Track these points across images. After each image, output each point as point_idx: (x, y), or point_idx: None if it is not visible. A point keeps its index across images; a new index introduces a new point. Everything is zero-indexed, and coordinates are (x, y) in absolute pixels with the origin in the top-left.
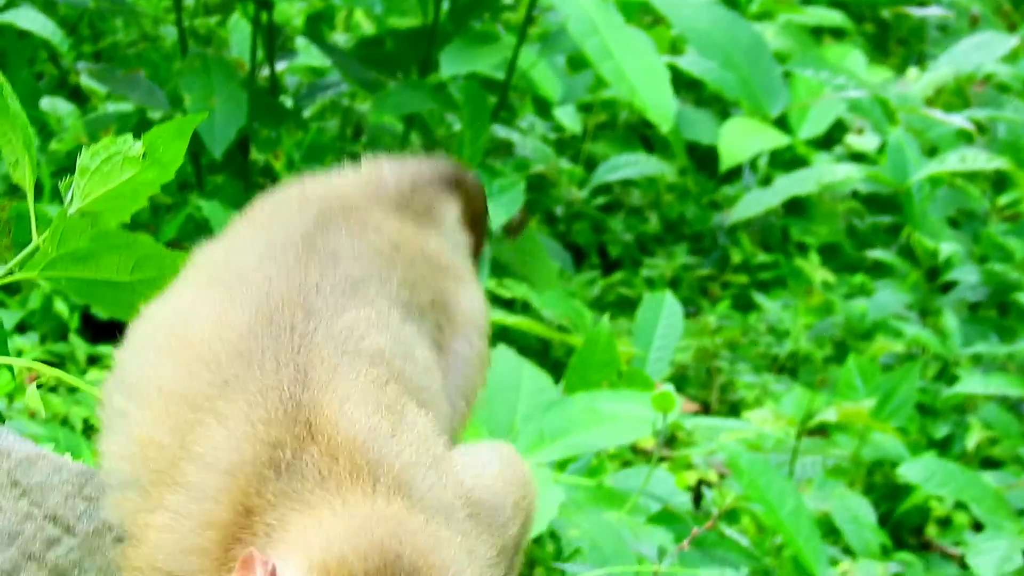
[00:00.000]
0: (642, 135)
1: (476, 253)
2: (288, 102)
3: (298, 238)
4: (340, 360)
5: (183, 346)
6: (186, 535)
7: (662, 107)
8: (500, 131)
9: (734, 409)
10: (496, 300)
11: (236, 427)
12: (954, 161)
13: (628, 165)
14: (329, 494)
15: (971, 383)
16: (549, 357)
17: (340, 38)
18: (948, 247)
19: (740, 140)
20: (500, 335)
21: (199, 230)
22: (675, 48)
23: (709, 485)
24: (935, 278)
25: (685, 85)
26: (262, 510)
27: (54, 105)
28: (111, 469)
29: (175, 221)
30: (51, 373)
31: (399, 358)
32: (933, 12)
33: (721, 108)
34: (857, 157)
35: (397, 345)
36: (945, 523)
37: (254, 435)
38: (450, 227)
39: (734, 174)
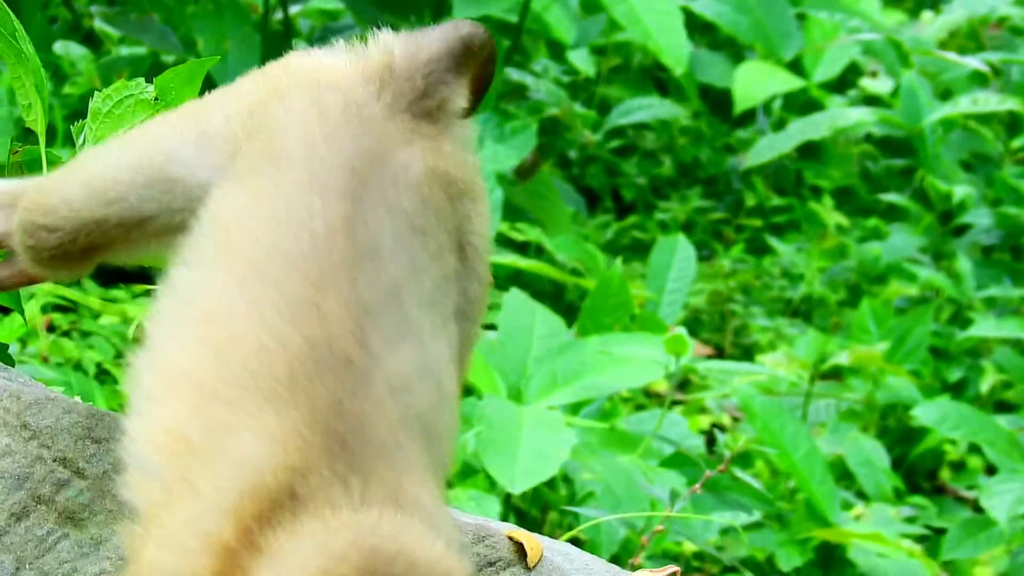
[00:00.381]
0: (656, 78)
1: (475, 105)
2: (301, 45)
3: (339, 224)
4: (400, 431)
5: (225, 347)
6: (184, 558)
7: (676, 50)
8: (513, 74)
9: (748, 352)
10: (509, 243)
11: (267, 448)
12: (967, 104)
13: (642, 108)
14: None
15: (985, 326)
16: (562, 300)
17: None
18: (961, 190)
19: (754, 83)
20: (513, 278)
21: None
22: None
23: (722, 428)
24: (948, 221)
25: (699, 28)
26: (254, 543)
27: (67, 49)
28: (137, 452)
29: None
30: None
31: (433, 410)
32: None
33: (735, 51)
34: (871, 100)
35: (433, 390)
36: (959, 467)
37: (285, 462)
38: (458, 118)
39: (748, 117)
